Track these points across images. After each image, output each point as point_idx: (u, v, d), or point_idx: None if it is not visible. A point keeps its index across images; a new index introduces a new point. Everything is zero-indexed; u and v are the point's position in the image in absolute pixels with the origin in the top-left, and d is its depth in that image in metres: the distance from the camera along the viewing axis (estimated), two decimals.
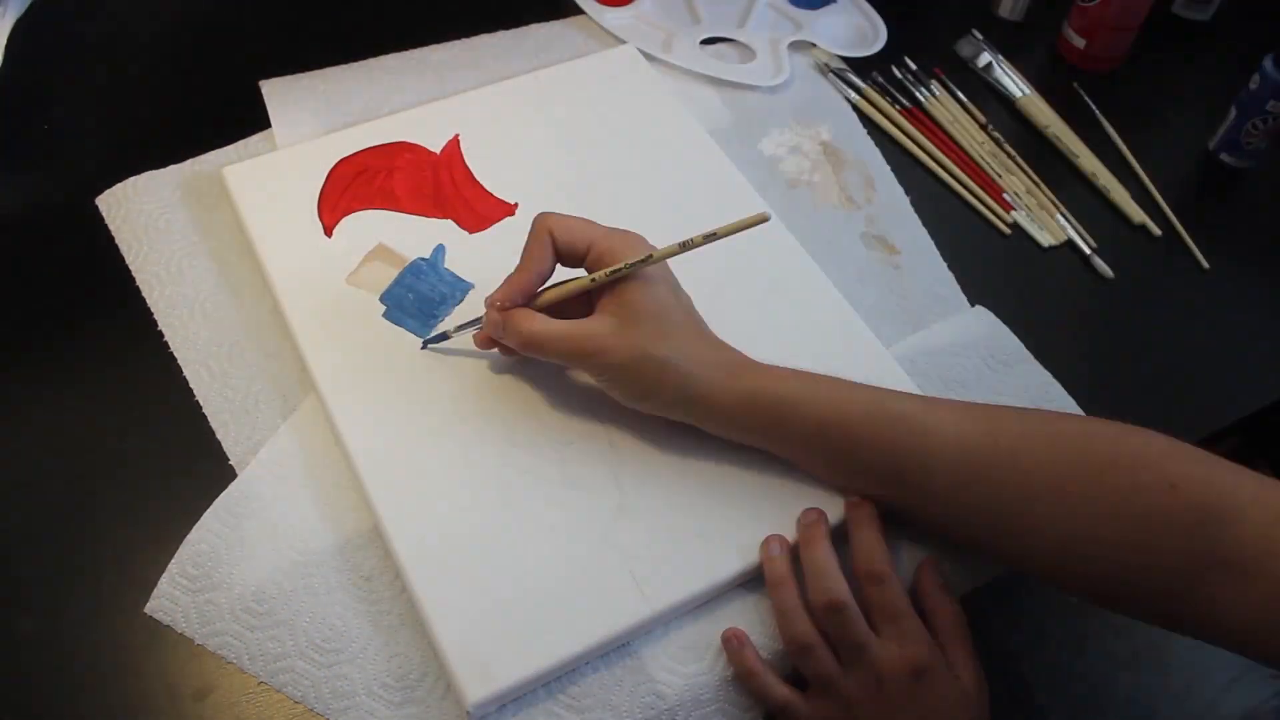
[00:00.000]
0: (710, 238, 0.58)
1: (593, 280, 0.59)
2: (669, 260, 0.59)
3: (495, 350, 0.65)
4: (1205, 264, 0.79)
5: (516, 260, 0.70)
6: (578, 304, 0.61)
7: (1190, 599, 0.53)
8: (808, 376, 0.60)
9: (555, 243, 0.60)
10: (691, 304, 0.62)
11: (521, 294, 0.61)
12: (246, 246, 0.71)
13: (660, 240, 0.60)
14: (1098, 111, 0.89)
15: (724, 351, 0.61)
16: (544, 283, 0.61)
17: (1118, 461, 0.55)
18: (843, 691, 0.55)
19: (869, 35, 0.92)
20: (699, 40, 0.89)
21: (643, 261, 0.58)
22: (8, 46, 0.82)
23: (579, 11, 0.90)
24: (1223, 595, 0.52)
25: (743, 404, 0.59)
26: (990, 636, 0.73)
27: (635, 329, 0.58)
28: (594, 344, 0.58)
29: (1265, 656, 0.53)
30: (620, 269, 0.58)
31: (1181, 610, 0.54)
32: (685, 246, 0.58)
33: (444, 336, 0.65)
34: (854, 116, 0.86)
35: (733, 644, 0.57)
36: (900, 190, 0.80)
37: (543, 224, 0.60)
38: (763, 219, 0.58)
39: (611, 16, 0.89)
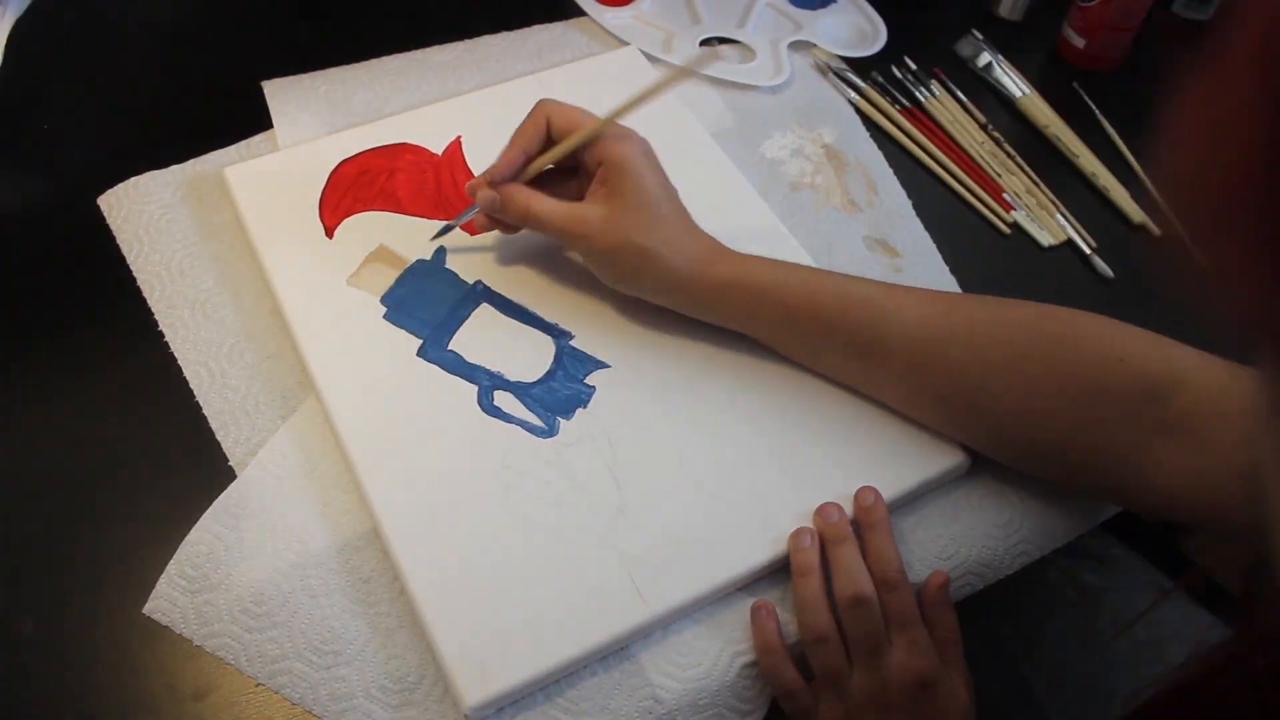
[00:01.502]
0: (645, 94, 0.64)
1: (561, 145, 0.64)
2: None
3: (494, 231, 0.69)
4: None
5: (518, 261, 0.71)
6: (570, 190, 0.66)
7: (1137, 467, 0.56)
8: (779, 264, 0.64)
9: (551, 125, 0.64)
10: (677, 196, 0.65)
11: (511, 169, 0.64)
12: (247, 247, 0.71)
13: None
14: (1098, 111, 0.89)
15: (704, 241, 0.64)
16: (529, 162, 0.66)
17: (1068, 337, 0.58)
18: (848, 688, 0.56)
19: (869, 35, 0.92)
20: (699, 40, 0.89)
21: (601, 123, 0.64)
22: (8, 46, 0.82)
23: (580, 12, 0.90)
24: (1168, 462, 0.55)
25: (719, 290, 0.63)
26: (990, 636, 0.73)
27: (622, 217, 0.62)
28: (584, 228, 0.63)
29: (1207, 519, 0.56)
30: (580, 136, 0.63)
31: (1129, 479, 0.57)
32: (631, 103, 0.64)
33: (448, 228, 0.69)
34: (855, 118, 0.86)
35: (761, 614, 0.58)
36: (902, 193, 0.80)
37: (540, 107, 0.65)
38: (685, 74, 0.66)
39: (611, 16, 0.89)
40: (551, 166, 0.66)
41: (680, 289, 0.64)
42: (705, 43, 0.89)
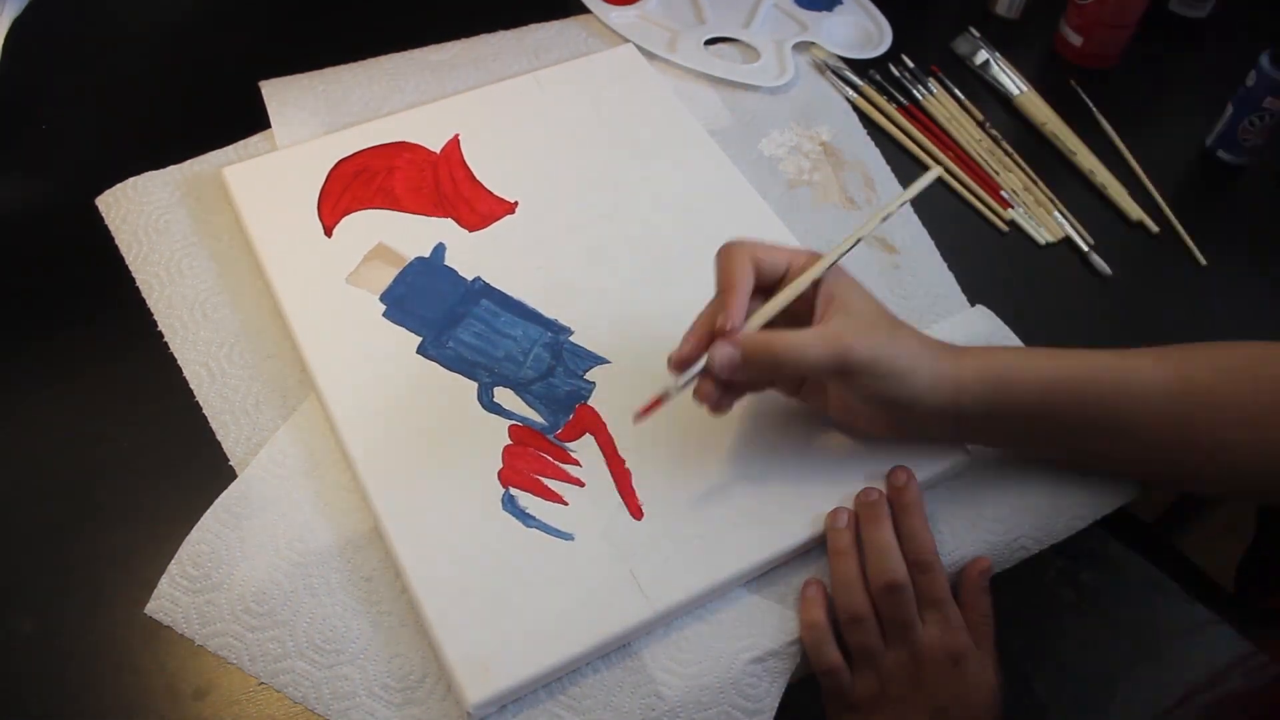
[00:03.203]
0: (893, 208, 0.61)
1: (800, 279, 0.57)
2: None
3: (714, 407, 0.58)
4: (1202, 260, 0.79)
5: (517, 258, 0.71)
6: None
7: None
8: (1015, 350, 0.63)
9: (758, 268, 0.57)
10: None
11: (743, 313, 0.56)
12: (246, 247, 0.71)
13: (668, 240, 0.60)
14: (1095, 109, 0.89)
15: (927, 336, 0.59)
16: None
17: None
18: (883, 665, 0.57)
19: (874, 37, 0.92)
20: (703, 40, 0.89)
21: (844, 251, 0.58)
22: (6, 46, 0.82)
23: (584, 10, 0.90)
24: None
25: (977, 377, 0.57)
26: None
27: (875, 324, 0.56)
28: (850, 339, 0.54)
29: None
30: (824, 266, 0.57)
31: None
32: (874, 222, 0.61)
33: (665, 397, 0.57)
34: (854, 116, 0.86)
35: (810, 590, 0.58)
36: (900, 189, 0.80)
37: (742, 250, 0.57)
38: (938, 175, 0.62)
39: (616, 15, 0.89)
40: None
41: (945, 385, 0.57)
42: (710, 43, 0.89)
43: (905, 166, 0.83)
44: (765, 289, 0.58)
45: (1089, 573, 0.84)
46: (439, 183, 0.74)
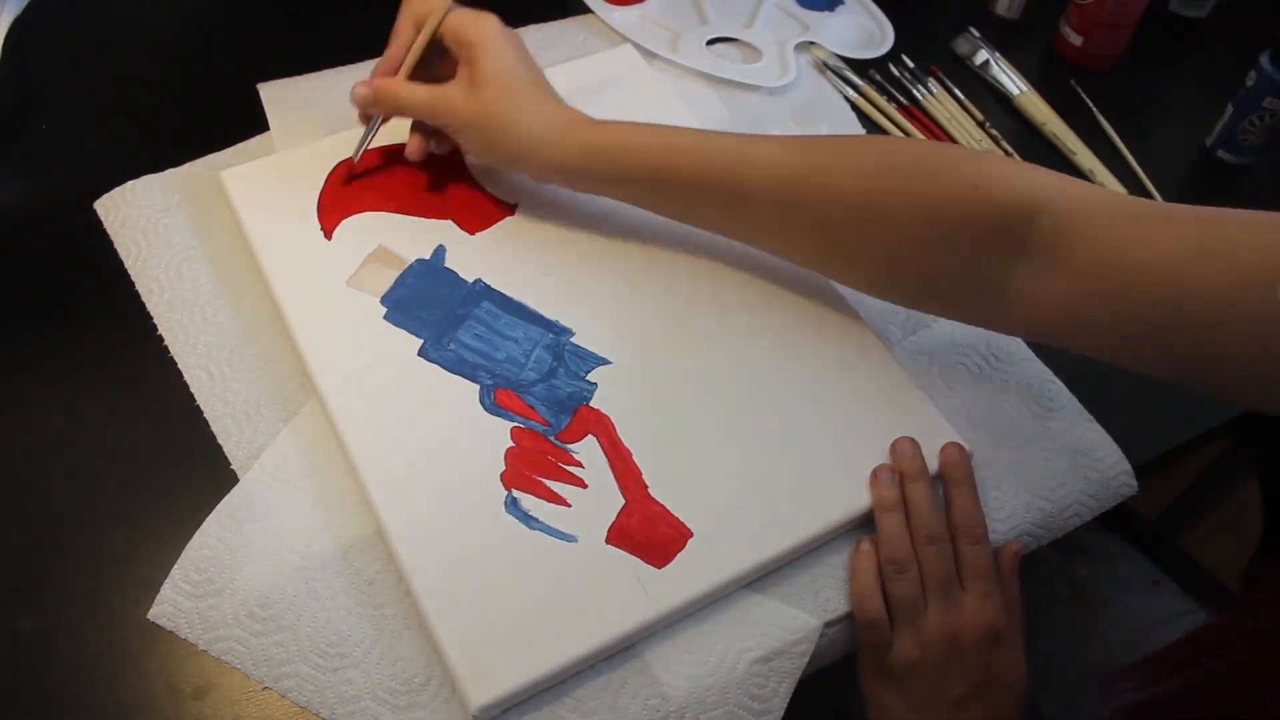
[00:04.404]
0: None
1: (421, 34, 0.68)
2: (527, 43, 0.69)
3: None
4: None
5: (518, 259, 0.71)
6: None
7: (1002, 293, 0.57)
8: (639, 126, 0.66)
9: (417, 20, 0.68)
10: (540, 73, 0.69)
11: (391, 66, 0.69)
12: (246, 250, 0.71)
13: (668, 240, 0.60)
14: (1095, 109, 0.89)
15: (564, 111, 0.67)
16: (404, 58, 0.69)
17: (920, 169, 0.59)
18: (923, 628, 0.58)
19: (876, 37, 0.92)
20: (705, 40, 0.89)
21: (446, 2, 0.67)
22: (6, 46, 0.82)
23: (584, 10, 0.90)
24: (1031, 285, 0.56)
25: (579, 155, 0.66)
26: None
27: (482, 91, 0.66)
28: (446, 105, 0.67)
29: (1070, 340, 0.57)
30: (434, 21, 0.67)
31: (996, 306, 0.58)
32: None
33: (349, 162, 0.73)
34: (853, 117, 0.86)
35: (864, 544, 0.60)
36: None
37: (406, 7, 0.68)
38: None
39: (619, 16, 0.89)
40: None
41: (541, 155, 0.66)
42: (712, 43, 0.89)
43: None
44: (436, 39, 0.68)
45: (1084, 568, 0.85)
46: (439, 184, 0.74)
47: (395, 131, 0.76)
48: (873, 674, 0.60)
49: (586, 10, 0.90)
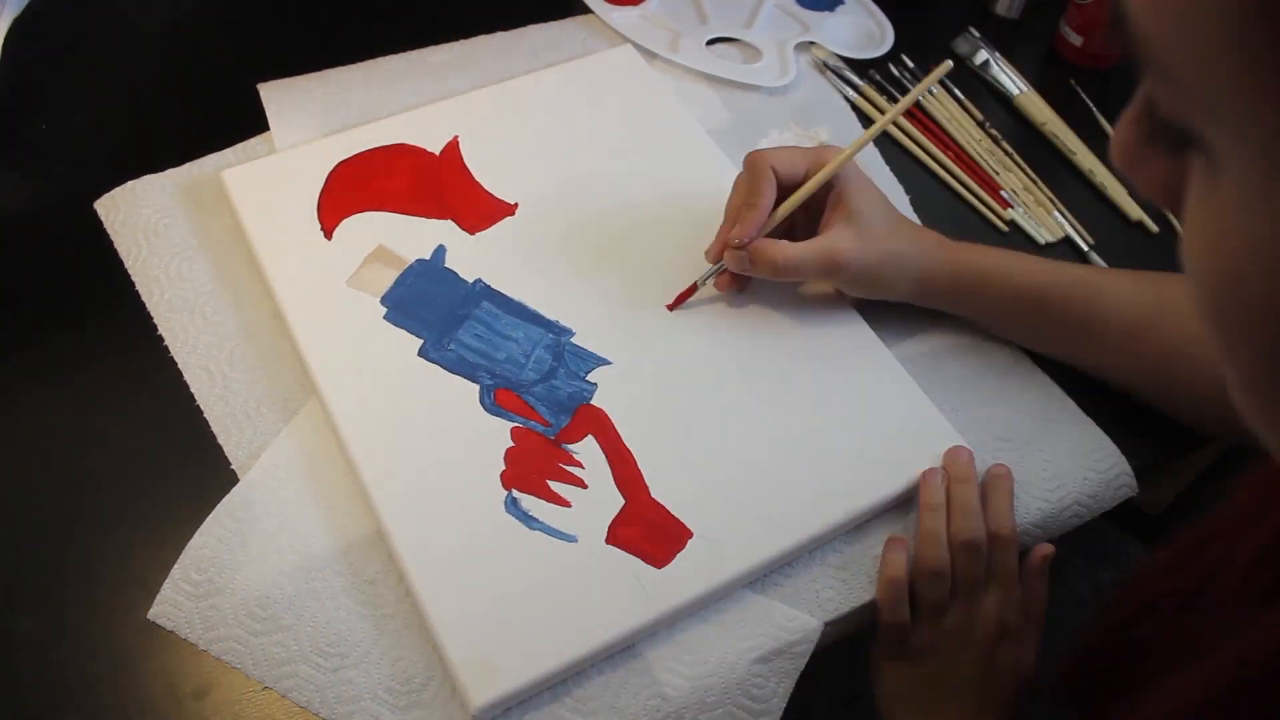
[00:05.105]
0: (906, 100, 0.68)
1: (808, 185, 0.66)
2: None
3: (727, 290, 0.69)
4: None
5: (518, 259, 0.70)
6: (786, 232, 0.68)
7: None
8: (989, 251, 0.68)
9: (778, 174, 0.66)
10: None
11: (756, 229, 0.65)
12: (246, 250, 0.71)
13: (669, 241, 0.59)
14: (1095, 109, 0.89)
15: (928, 233, 0.69)
16: (769, 214, 0.66)
17: None
18: (942, 622, 0.60)
19: (876, 37, 0.92)
20: (705, 40, 0.89)
21: (848, 155, 0.66)
22: (6, 46, 0.82)
23: (584, 10, 0.90)
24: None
25: (950, 280, 0.67)
26: None
27: (870, 231, 0.65)
28: (840, 256, 0.65)
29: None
30: (830, 170, 0.65)
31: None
32: (884, 121, 0.68)
33: (692, 290, 0.69)
34: (853, 117, 0.86)
35: (895, 545, 0.61)
36: (900, 190, 0.80)
37: (762, 160, 0.66)
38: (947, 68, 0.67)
39: (619, 16, 0.89)
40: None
41: (923, 284, 0.67)
42: (712, 43, 0.89)
43: (905, 166, 0.83)
44: (790, 188, 0.66)
45: (1107, 572, 0.85)
46: (439, 185, 0.74)
47: (395, 134, 0.77)
48: (885, 653, 0.62)
49: (586, 10, 0.90)
